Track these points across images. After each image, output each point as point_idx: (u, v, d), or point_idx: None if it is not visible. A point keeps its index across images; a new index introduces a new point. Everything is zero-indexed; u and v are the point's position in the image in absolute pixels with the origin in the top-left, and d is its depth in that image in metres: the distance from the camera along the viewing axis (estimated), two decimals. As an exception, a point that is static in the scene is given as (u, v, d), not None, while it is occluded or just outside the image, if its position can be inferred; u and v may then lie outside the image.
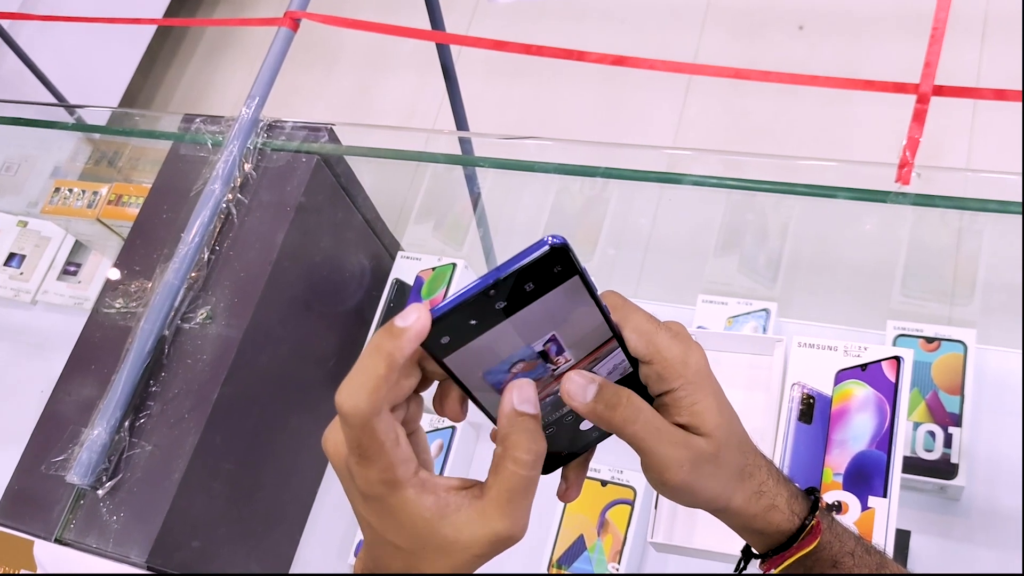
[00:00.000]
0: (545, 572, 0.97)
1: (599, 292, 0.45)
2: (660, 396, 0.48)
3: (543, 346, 0.45)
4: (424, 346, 0.43)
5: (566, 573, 0.96)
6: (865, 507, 0.81)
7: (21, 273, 1.43)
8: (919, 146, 0.83)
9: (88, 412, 0.96)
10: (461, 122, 1.57)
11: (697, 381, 0.48)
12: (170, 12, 2.67)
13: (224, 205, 1.05)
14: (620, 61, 0.98)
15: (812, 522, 0.53)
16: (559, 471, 0.51)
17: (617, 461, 0.98)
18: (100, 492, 0.93)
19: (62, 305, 1.40)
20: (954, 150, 1.91)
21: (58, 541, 0.92)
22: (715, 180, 0.92)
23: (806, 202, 0.91)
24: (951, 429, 0.92)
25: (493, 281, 0.41)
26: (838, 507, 0.81)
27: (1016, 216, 0.81)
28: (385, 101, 2.54)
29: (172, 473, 0.92)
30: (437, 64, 1.45)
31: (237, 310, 1.01)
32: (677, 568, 0.96)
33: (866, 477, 0.82)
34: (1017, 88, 0.83)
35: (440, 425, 1.09)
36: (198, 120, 1.14)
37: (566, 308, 0.44)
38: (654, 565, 0.99)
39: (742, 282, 1.13)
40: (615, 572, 0.95)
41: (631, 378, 0.48)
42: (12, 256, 1.46)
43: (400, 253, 1.20)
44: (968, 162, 1.90)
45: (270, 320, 1.03)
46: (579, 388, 0.46)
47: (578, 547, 0.97)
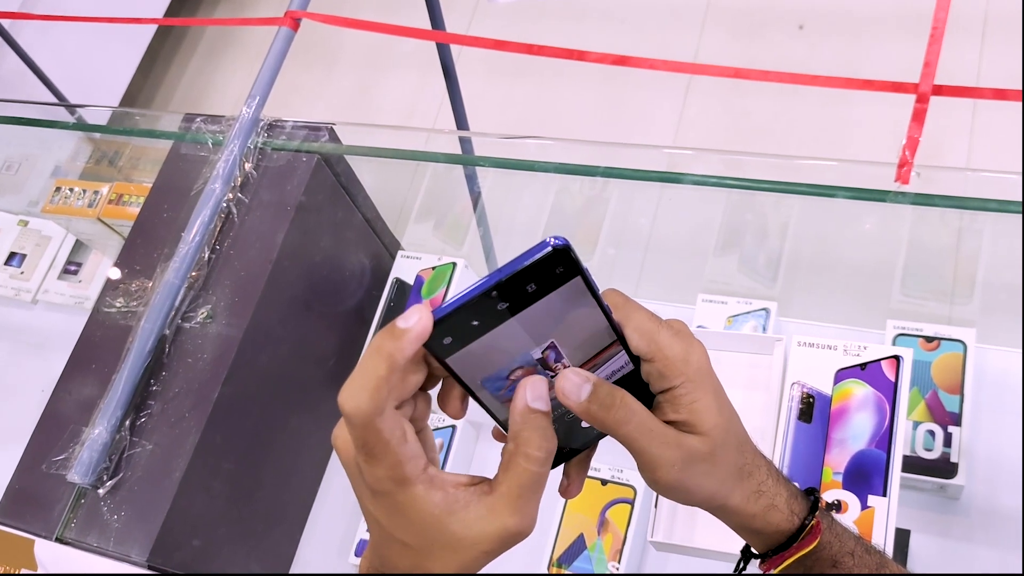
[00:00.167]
0: (545, 571, 0.97)
1: (600, 291, 0.45)
2: (660, 394, 0.49)
3: (545, 346, 0.45)
4: (426, 346, 0.43)
5: (566, 572, 0.96)
6: (865, 506, 0.81)
7: (22, 272, 1.43)
8: (919, 146, 0.83)
9: (89, 411, 0.96)
10: (461, 121, 1.57)
11: (698, 379, 0.48)
12: (171, 12, 2.67)
13: (224, 204, 1.06)
14: (620, 61, 0.98)
15: (812, 522, 0.53)
16: (560, 467, 0.51)
17: (617, 460, 0.98)
18: (101, 491, 0.93)
19: (63, 304, 1.40)
20: (954, 150, 1.91)
21: (59, 540, 0.92)
22: (715, 180, 0.93)
23: (806, 201, 0.91)
24: (951, 428, 0.92)
25: (495, 282, 0.42)
26: (838, 506, 0.81)
27: (1016, 215, 0.81)
28: (385, 100, 2.54)
29: (173, 472, 0.93)
30: (437, 64, 1.45)
31: (237, 309, 1.01)
32: (677, 567, 0.96)
33: (866, 476, 0.82)
34: (1017, 88, 0.83)
35: (440, 424, 1.09)
36: (199, 119, 1.14)
37: (568, 308, 0.44)
38: (654, 564, 0.99)
39: (742, 281, 1.14)
40: (615, 571, 0.95)
41: (633, 376, 0.48)
42: (13, 255, 1.46)
43: (400, 252, 1.20)
44: (968, 162, 1.90)
45: (270, 319, 1.04)
46: (574, 387, 0.46)
47: (578, 546, 0.97)
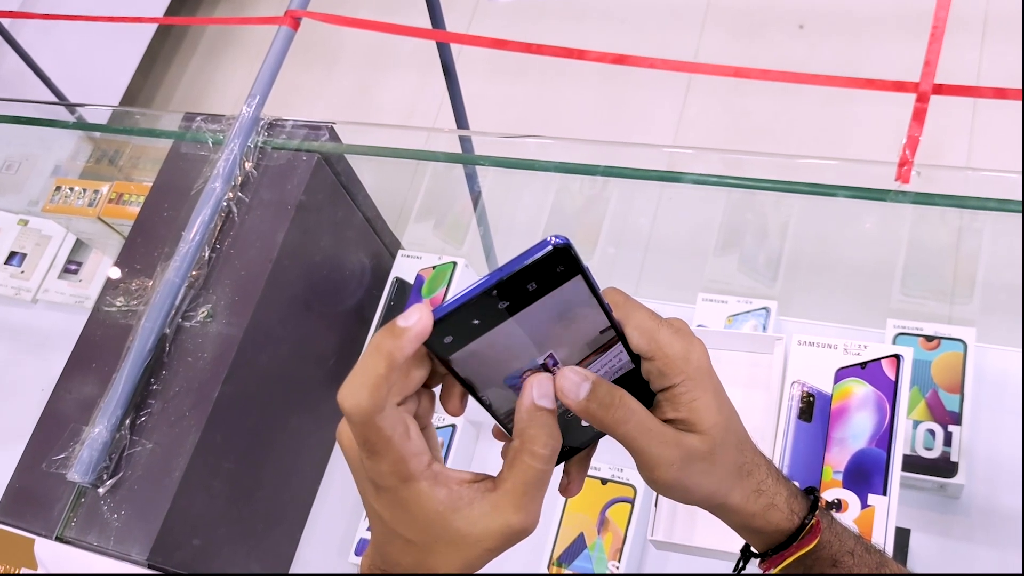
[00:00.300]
0: (545, 571, 0.97)
1: (601, 290, 0.45)
2: (660, 392, 0.49)
3: (546, 345, 0.45)
4: (427, 345, 0.43)
5: (566, 572, 0.96)
6: (865, 505, 0.81)
7: (22, 272, 1.43)
8: (919, 145, 0.83)
9: (89, 410, 0.96)
10: (461, 121, 1.57)
11: (698, 377, 0.48)
12: (171, 11, 2.67)
13: (225, 203, 1.06)
14: (620, 60, 0.98)
15: (812, 521, 0.53)
16: (561, 465, 0.51)
17: (617, 459, 0.98)
18: (101, 490, 0.93)
19: (63, 303, 1.40)
20: (954, 149, 1.91)
21: (59, 539, 0.92)
22: (715, 179, 0.92)
23: (806, 201, 0.91)
24: (951, 427, 0.92)
25: (496, 281, 0.42)
26: (838, 505, 0.81)
27: (1016, 215, 0.81)
28: (385, 100, 2.54)
29: (173, 471, 0.93)
30: (437, 63, 1.45)
31: (238, 308, 1.01)
32: (677, 567, 0.96)
33: (866, 475, 0.82)
34: (1017, 87, 0.83)
35: (440, 423, 1.09)
36: (199, 119, 1.14)
37: (569, 307, 0.44)
38: (654, 563, 0.99)
39: (742, 280, 1.14)
40: (615, 571, 0.95)
41: (633, 375, 0.48)
42: (13, 255, 1.46)
43: (400, 252, 1.20)
44: (968, 161, 1.90)
45: (270, 319, 1.04)
46: (572, 385, 0.46)
47: (578, 545, 0.97)
